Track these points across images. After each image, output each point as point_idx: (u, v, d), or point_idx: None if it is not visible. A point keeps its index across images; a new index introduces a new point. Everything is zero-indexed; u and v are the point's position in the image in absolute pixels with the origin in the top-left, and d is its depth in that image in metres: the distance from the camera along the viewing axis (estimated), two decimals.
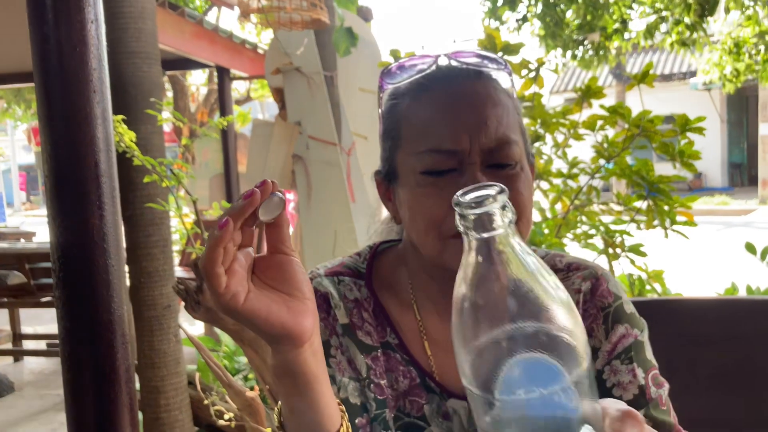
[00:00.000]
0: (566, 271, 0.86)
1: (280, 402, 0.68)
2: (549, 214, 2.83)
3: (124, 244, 2.38)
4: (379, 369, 0.82)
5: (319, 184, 4.08)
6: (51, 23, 1.14)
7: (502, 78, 0.82)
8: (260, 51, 5.84)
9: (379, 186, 0.86)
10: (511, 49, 2.48)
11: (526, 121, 2.59)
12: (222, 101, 5.64)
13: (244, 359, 3.26)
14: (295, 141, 4.13)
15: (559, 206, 2.80)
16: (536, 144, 2.59)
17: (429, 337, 0.83)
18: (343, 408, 0.70)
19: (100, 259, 1.21)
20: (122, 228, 1.25)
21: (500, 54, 2.48)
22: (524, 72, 2.63)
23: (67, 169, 1.19)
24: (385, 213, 0.95)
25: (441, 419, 0.81)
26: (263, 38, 7.42)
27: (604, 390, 0.80)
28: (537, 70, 2.63)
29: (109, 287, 1.22)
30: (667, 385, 0.82)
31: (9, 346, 4.54)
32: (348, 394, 0.80)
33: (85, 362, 1.22)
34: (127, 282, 2.60)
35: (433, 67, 0.80)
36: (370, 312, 0.84)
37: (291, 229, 4.64)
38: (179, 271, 4.16)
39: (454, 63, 0.80)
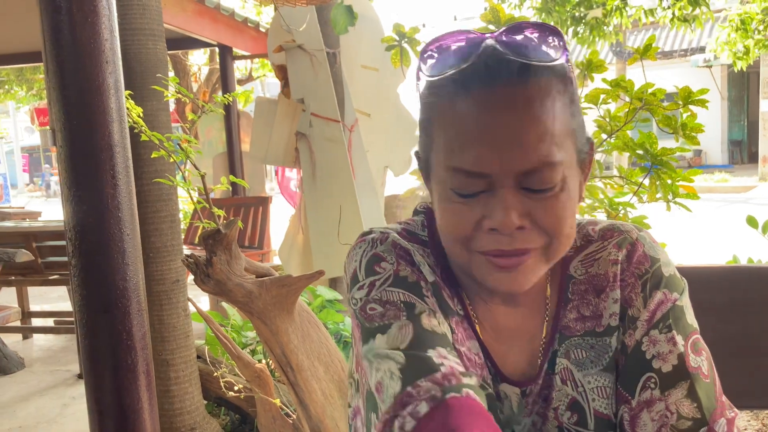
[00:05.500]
0: (600, 240, 0.83)
1: None
2: None
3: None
4: (460, 335, 0.80)
5: (322, 162, 4.10)
6: None
7: (555, 59, 0.71)
8: (262, 29, 5.82)
9: (419, 165, 0.83)
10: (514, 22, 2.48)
11: None
12: (224, 80, 5.64)
13: (251, 334, 3.30)
14: (298, 118, 4.14)
15: None
16: None
17: (479, 321, 0.83)
18: None
19: (114, 228, 1.23)
20: (135, 197, 1.27)
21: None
22: None
23: (80, 139, 1.21)
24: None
25: (494, 399, 0.81)
26: (265, 17, 7.38)
27: (643, 362, 0.77)
28: None
29: (124, 255, 1.24)
30: (706, 353, 0.78)
31: (18, 323, 4.59)
32: (446, 331, 0.75)
33: (101, 329, 1.25)
34: None
35: (473, 58, 0.70)
36: (443, 280, 0.82)
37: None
38: (184, 249, 4.19)
39: (498, 48, 0.70)
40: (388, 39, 3.00)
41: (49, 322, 5.01)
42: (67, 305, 5.13)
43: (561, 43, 0.71)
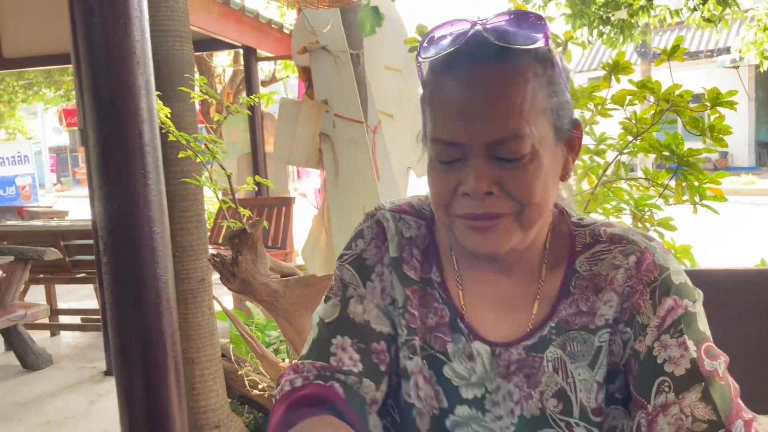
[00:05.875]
0: (608, 243, 0.86)
1: None
2: (575, 190, 2.83)
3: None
4: (415, 301, 0.89)
5: (345, 163, 4.11)
6: None
7: (536, 45, 0.77)
8: (286, 31, 5.86)
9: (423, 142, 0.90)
10: None
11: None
12: (249, 81, 5.68)
13: (275, 333, 3.32)
14: (322, 120, 4.15)
15: (585, 183, 2.80)
16: None
17: (463, 287, 0.89)
18: None
19: (145, 226, 1.25)
20: (165, 196, 1.29)
21: None
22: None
23: (112, 140, 1.23)
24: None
25: (465, 359, 0.86)
26: (288, 18, 7.43)
27: (655, 366, 0.78)
28: (565, 45, 2.62)
29: (154, 254, 1.26)
30: (723, 357, 0.79)
31: (46, 320, 4.67)
32: (371, 318, 0.89)
33: (131, 326, 1.27)
34: None
35: (461, 42, 0.79)
36: (421, 250, 0.92)
37: (317, 207, 4.69)
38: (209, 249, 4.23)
39: (483, 34, 0.78)
40: (412, 40, 3.00)
41: (76, 319, 5.09)
42: (93, 303, 5.20)
43: (543, 30, 0.78)
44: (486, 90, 0.76)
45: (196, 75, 7.14)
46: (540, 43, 0.77)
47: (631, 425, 0.80)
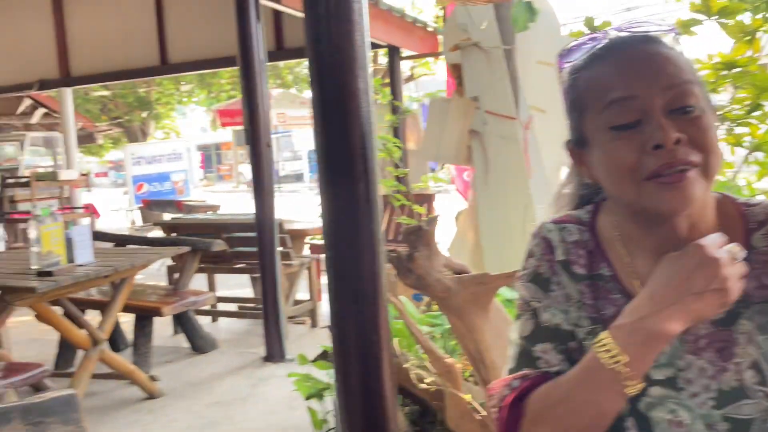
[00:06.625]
0: (746, 206, 0.91)
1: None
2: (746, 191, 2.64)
3: None
4: (589, 295, 0.94)
5: (496, 160, 4.08)
6: (325, 4, 1.23)
7: (671, 41, 0.89)
8: (429, 29, 5.90)
9: (572, 153, 0.95)
10: (729, 11, 2.33)
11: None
12: (393, 80, 5.78)
13: (425, 328, 3.36)
14: (472, 116, 4.15)
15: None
16: (755, 114, 2.41)
17: (639, 275, 0.91)
18: None
19: (365, 225, 1.31)
20: (381, 196, 1.34)
21: (716, 17, 2.34)
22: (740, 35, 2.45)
23: (337, 140, 1.30)
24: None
25: None
26: (427, 15, 7.47)
27: None
28: (753, 32, 2.45)
29: (373, 251, 1.32)
30: None
31: (208, 307, 5.01)
32: (560, 321, 0.94)
33: (350, 319, 1.34)
34: None
35: (605, 40, 0.89)
36: (586, 251, 0.95)
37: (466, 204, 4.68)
38: None
39: (623, 34, 0.89)
40: (578, 34, 2.93)
41: (232, 306, 5.42)
42: (246, 292, 5.52)
43: (668, 23, 0.90)
44: (648, 56, 0.85)
45: None
46: (672, 33, 0.89)
47: None
